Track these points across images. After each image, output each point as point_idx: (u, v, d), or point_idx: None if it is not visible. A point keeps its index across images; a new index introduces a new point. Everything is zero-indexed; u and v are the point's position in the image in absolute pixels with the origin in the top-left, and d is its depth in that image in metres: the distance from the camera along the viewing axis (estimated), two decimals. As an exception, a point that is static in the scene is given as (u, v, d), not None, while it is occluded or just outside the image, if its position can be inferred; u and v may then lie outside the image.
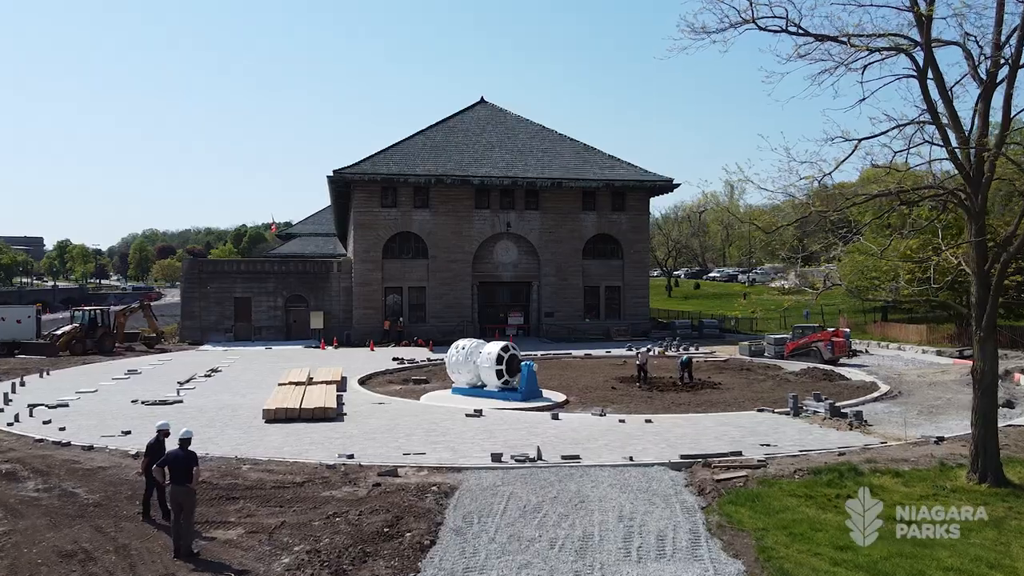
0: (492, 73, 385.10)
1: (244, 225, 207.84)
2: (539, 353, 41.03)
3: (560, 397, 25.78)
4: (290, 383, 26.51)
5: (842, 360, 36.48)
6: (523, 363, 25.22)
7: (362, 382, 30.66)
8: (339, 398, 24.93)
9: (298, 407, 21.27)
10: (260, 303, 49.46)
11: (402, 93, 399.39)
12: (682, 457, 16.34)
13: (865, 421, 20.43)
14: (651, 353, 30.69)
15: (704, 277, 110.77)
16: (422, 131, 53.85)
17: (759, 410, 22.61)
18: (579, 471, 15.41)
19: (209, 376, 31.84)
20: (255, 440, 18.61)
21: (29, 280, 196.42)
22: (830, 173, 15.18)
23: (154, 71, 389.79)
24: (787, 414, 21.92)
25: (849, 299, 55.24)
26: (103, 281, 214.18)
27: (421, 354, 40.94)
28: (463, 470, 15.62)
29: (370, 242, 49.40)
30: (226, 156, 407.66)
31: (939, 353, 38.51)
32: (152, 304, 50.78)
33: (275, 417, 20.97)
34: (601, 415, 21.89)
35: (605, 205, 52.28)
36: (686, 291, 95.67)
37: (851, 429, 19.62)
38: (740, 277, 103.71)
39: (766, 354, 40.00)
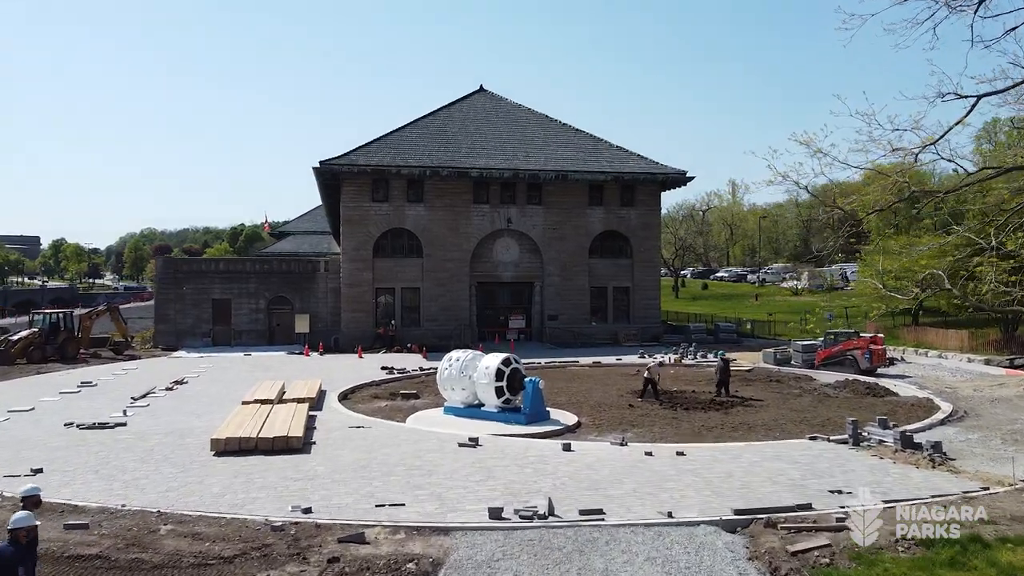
0: (492, 61, 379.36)
1: (243, 224, 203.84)
2: (543, 361, 37.35)
3: (571, 418, 22.04)
4: (255, 401, 22.76)
5: (880, 370, 32.82)
6: (527, 379, 21.48)
7: (343, 397, 26.95)
8: (311, 420, 21.20)
9: (255, 436, 17.50)
10: (240, 305, 45.71)
11: (401, 85, 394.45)
12: (736, 512, 12.62)
13: (945, 454, 16.70)
14: (663, 365, 26.89)
15: (711, 277, 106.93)
16: (416, 120, 50.14)
17: (811, 438, 18.85)
18: (604, 535, 11.67)
19: (171, 389, 28.12)
20: (193, 483, 14.86)
21: (21, 279, 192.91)
22: (937, 141, 11.51)
23: (157, 69, 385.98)
24: (845, 443, 18.19)
25: (876, 300, 51.40)
26: (96, 280, 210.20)
27: (413, 362, 37.23)
28: (451, 531, 11.91)
29: (360, 239, 45.66)
30: (225, 155, 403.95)
31: (987, 362, 34.75)
32: (139, 305, 47.10)
33: (225, 448, 17.22)
34: (622, 444, 18.17)
35: (613, 200, 48.55)
36: (693, 291, 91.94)
37: (933, 466, 15.88)
38: (750, 277, 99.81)
39: (793, 362, 36.31)
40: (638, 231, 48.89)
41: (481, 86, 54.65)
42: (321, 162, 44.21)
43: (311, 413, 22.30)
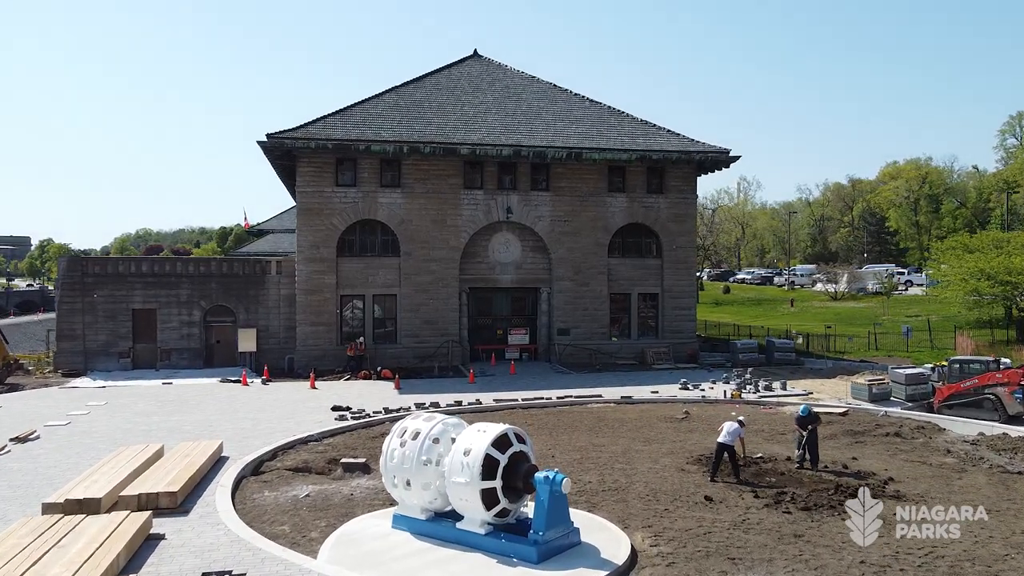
0: (489, 23, 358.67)
1: (238, 224, 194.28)
2: (554, 395, 27.77)
3: (616, 539, 12.35)
4: (63, 504, 13.07)
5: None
6: (541, 475, 11.77)
7: (252, 471, 17.33)
8: (138, 558, 11.57)
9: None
10: (169, 317, 36.02)
11: (396, 63, 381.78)
12: None
13: None
14: (742, 421, 17.27)
15: (730, 279, 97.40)
16: (395, 88, 40.57)
17: None
18: None
19: (-6, 456, 18.49)
20: None
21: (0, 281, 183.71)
22: None
23: (160, 68, 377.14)
24: None
25: (966, 309, 41.83)
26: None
27: (381, 396, 27.69)
28: None
29: (320, 234, 36.00)
30: (226, 154, 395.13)
31: None
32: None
33: None
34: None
35: (638, 185, 38.92)
36: (714, 295, 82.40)
37: None
38: (776, 279, 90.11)
39: (894, 397, 26.87)
40: (669, 224, 39.23)
41: (475, 51, 45.15)
42: (269, 135, 34.63)
43: (156, 530, 12.67)
